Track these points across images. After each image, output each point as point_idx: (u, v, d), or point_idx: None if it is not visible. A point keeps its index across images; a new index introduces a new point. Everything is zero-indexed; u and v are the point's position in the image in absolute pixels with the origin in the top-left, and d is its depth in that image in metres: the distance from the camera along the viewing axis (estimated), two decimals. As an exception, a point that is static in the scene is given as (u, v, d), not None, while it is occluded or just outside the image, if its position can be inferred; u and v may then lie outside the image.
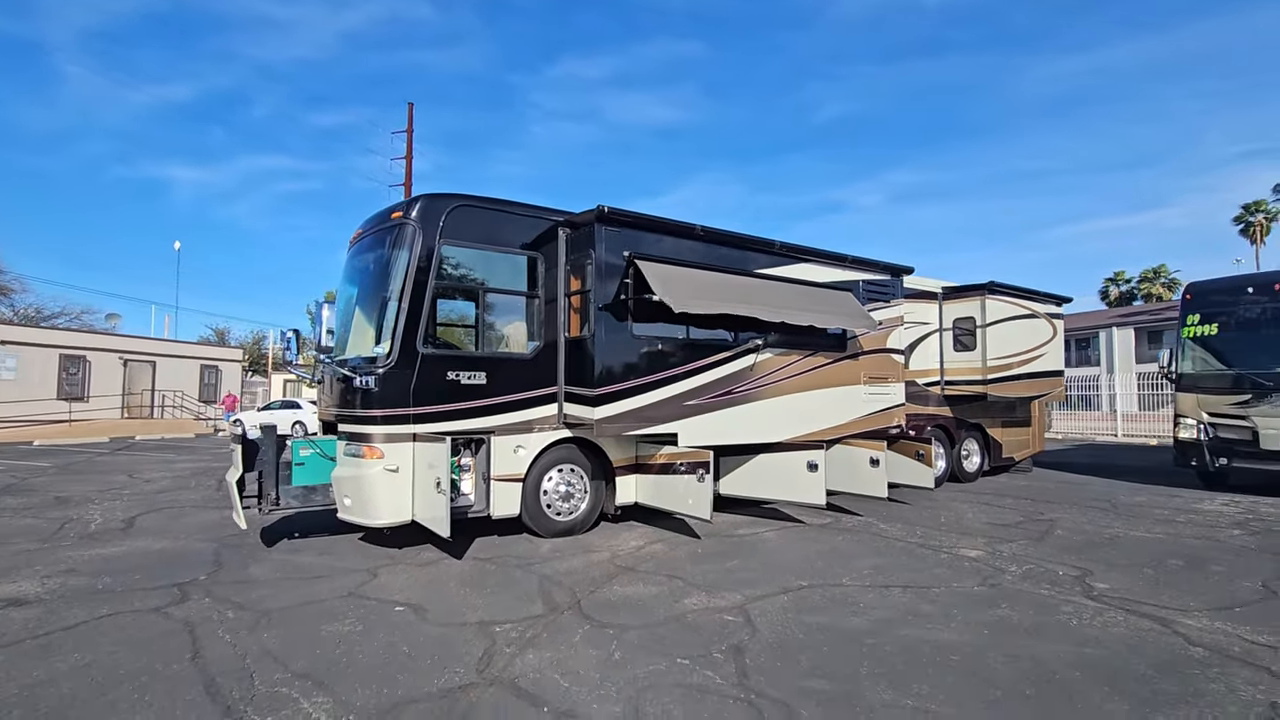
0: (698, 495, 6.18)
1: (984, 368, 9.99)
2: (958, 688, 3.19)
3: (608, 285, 6.25)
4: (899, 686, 3.20)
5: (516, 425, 6.25)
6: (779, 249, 7.42)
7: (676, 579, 5.12)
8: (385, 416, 5.66)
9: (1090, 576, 5.21)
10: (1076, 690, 3.17)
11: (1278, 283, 9.40)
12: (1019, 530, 6.99)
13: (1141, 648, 3.72)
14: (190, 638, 3.83)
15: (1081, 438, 21.68)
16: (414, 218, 5.90)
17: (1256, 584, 5.01)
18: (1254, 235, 36.12)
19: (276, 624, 4.08)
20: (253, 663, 3.47)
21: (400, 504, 5.65)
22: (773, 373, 7.27)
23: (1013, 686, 3.21)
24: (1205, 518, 7.71)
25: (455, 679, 3.28)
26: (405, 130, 23.71)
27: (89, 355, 22.43)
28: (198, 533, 6.75)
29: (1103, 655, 3.61)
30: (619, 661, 3.53)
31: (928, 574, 5.29)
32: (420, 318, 5.78)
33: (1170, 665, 3.48)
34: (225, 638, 3.83)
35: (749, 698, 3.09)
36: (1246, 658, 3.58)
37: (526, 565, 5.52)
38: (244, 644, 3.73)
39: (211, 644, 3.73)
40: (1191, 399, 9.82)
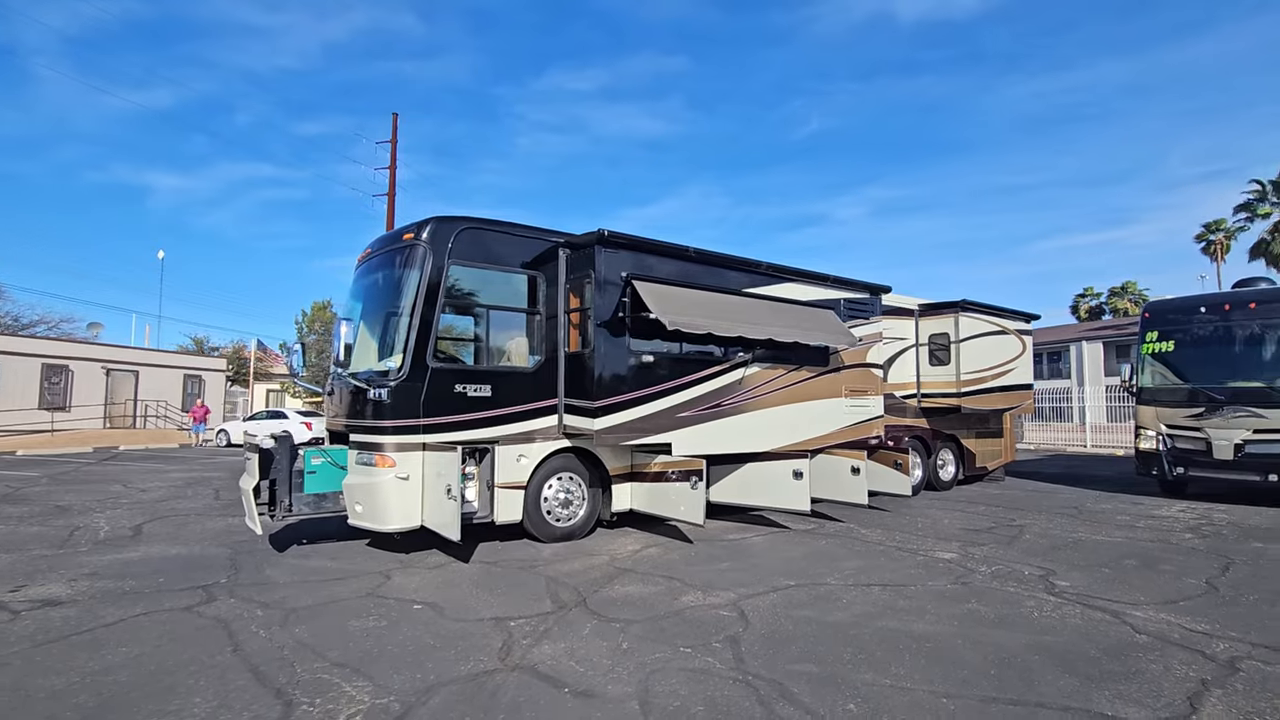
0: (691, 501, 6.56)
1: (958, 381, 10.53)
2: (930, 669, 3.59)
3: (606, 303, 6.64)
4: (878, 669, 3.60)
5: (519, 435, 6.60)
6: (765, 269, 7.88)
7: (673, 579, 5.49)
8: (397, 427, 5.98)
9: (1053, 575, 5.66)
10: (1033, 670, 3.59)
11: (1228, 303, 10.07)
12: (990, 535, 7.45)
13: (1093, 635, 4.15)
14: (227, 633, 4.12)
15: (1053, 448, 22.42)
16: (425, 239, 6.25)
17: (1201, 581, 5.50)
18: (1215, 253, 37.56)
19: (305, 620, 4.37)
20: (290, 654, 3.77)
21: (410, 510, 5.96)
22: (760, 386, 7.70)
23: (978, 668, 3.62)
24: (1162, 523, 8.25)
25: (480, 665, 3.62)
26: (389, 140, 23.96)
27: (71, 365, 22.29)
28: (208, 539, 6.98)
29: (1059, 642, 4.04)
30: (627, 650, 3.88)
31: (905, 574, 5.71)
32: (430, 333, 6.12)
33: (1117, 650, 3.91)
34: (260, 633, 4.12)
35: (746, 679, 3.46)
36: (1185, 643, 4.04)
37: (531, 568, 5.85)
38: (279, 638, 4.02)
39: (248, 638, 4.02)
40: (1151, 411, 10.43)
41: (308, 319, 34.29)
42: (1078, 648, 3.94)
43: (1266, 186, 34.64)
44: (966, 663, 3.69)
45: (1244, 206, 35.61)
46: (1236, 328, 9.82)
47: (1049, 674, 3.54)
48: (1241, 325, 9.76)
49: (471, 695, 3.26)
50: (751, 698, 3.25)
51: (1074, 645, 3.98)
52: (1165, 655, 3.83)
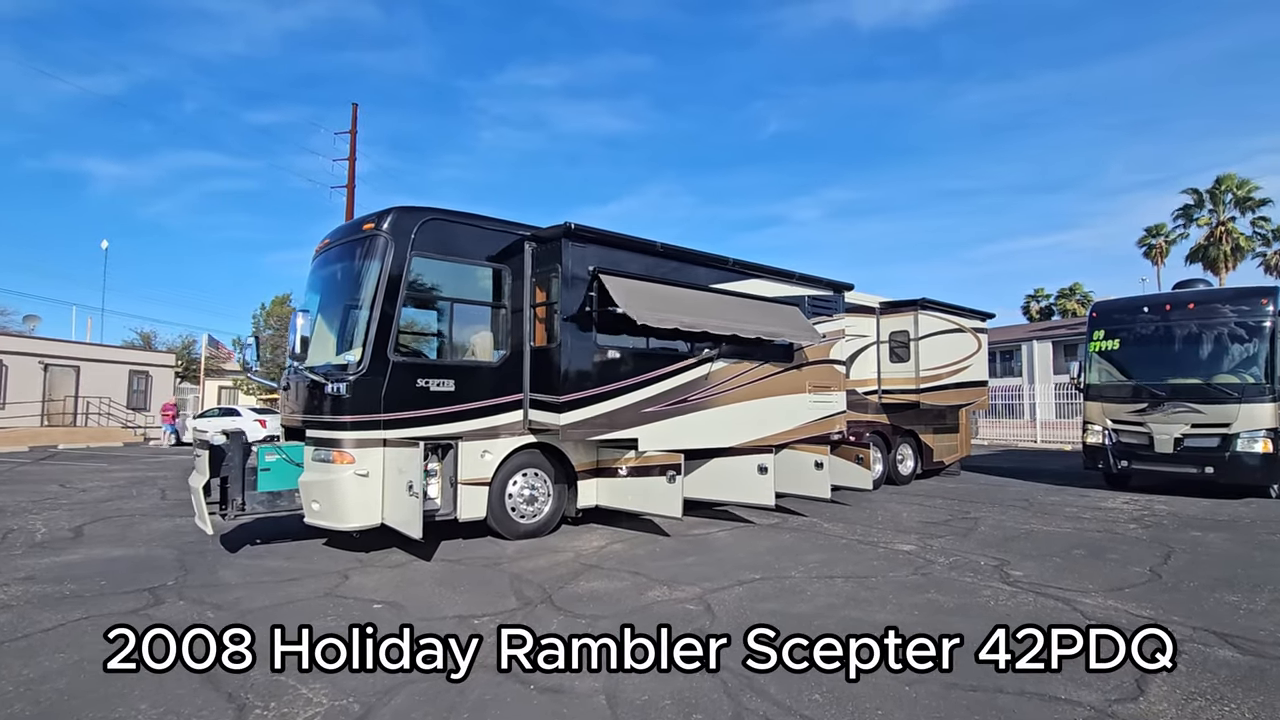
0: (668, 495, 6.59)
1: (917, 378, 10.78)
2: (893, 658, 3.65)
3: (573, 297, 6.59)
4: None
5: (483, 431, 6.50)
6: (732, 265, 7.92)
7: (639, 575, 5.47)
8: (356, 422, 5.82)
9: (1007, 566, 5.83)
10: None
11: (1169, 304, 10.53)
12: (947, 527, 7.64)
13: (1047, 622, 4.28)
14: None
15: (1005, 443, 23.16)
16: (386, 229, 6.09)
17: (1145, 569, 5.73)
18: (1155, 257, 39.30)
19: (259, 623, 4.22)
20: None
21: (370, 508, 5.82)
22: (725, 381, 7.74)
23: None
24: (1108, 514, 8.58)
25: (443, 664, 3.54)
26: (349, 131, 23.39)
27: (5, 359, 21.13)
28: (155, 540, 6.69)
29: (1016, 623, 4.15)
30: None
31: (866, 566, 5.81)
32: (391, 327, 5.97)
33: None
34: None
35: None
36: (1129, 626, 4.19)
37: (495, 565, 5.77)
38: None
39: (198, 641, 3.86)
40: (1097, 407, 10.84)
41: (266, 314, 33.22)
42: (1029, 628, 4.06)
43: (1202, 195, 36.35)
44: (927, 651, 3.76)
45: (1182, 213, 37.31)
46: (1176, 327, 10.27)
47: (1005, 660, 3.63)
48: (1181, 325, 10.21)
49: (435, 694, 3.19)
50: (719, 690, 3.25)
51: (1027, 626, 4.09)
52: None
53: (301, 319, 5.58)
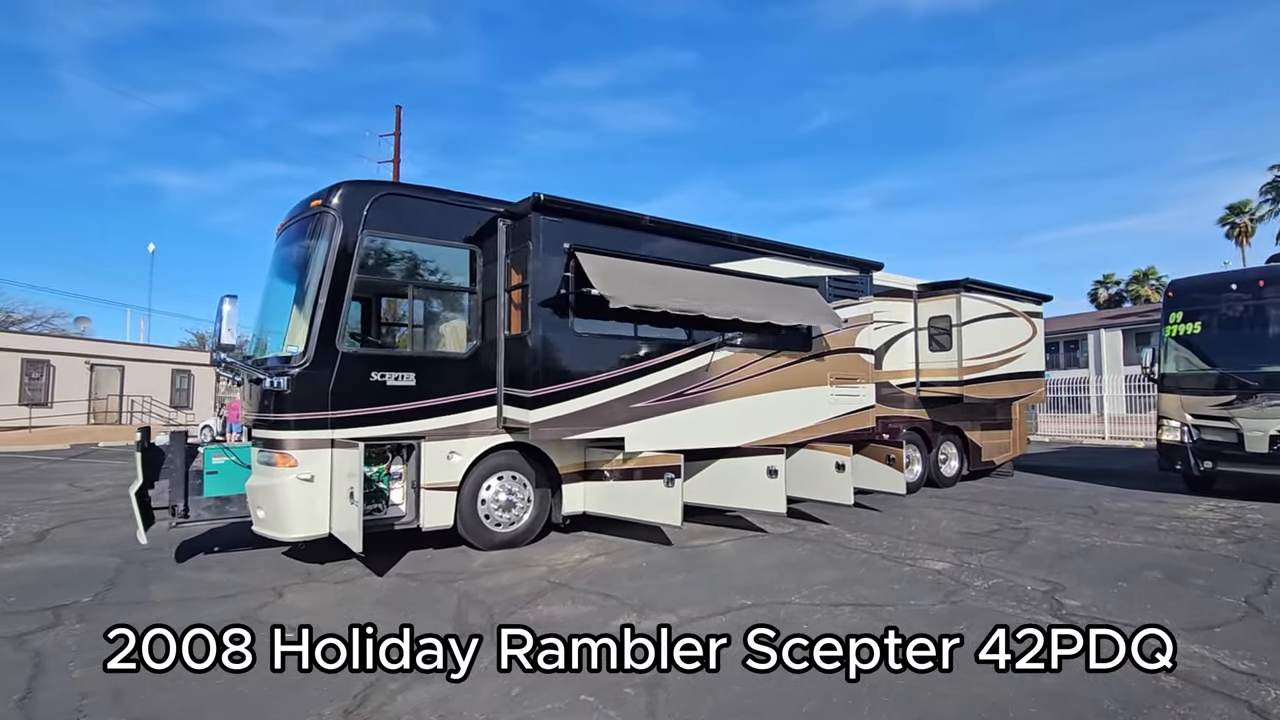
0: (666, 500, 5.86)
1: (960, 368, 9.62)
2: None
3: (547, 279, 5.84)
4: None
5: (450, 430, 5.82)
6: (736, 242, 7.02)
7: (610, 598, 4.69)
8: (299, 421, 5.22)
9: (1060, 592, 4.80)
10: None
11: (1262, 279, 9.07)
12: (991, 540, 6.59)
13: (1108, 678, 3.30)
14: (32, 672, 3.37)
15: (1069, 440, 21.37)
16: (334, 206, 5.46)
17: (1239, 600, 4.62)
18: (1239, 237, 36.04)
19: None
20: (90, 704, 3.02)
21: (316, 516, 5.20)
22: (730, 373, 6.86)
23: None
24: (1189, 524, 7.33)
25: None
26: (393, 134, 23.53)
27: (53, 360, 21.84)
28: (113, 546, 6.27)
29: (1064, 686, 3.20)
30: (514, 699, 3.10)
31: (885, 590, 4.87)
32: (340, 314, 5.34)
33: (1138, 700, 3.07)
34: (75, 673, 3.38)
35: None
36: (1223, 688, 3.18)
37: (451, 581, 5.08)
38: (91, 682, 3.27)
39: (54, 681, 3.28)
40: (1174, 400, 9.47)
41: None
42: (1087, 694, 3.10)
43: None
44: (943, 718, 2.87)
45: (1271, 187, 34.08)
46: (1272, 306, 8.83)
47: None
48: (1277, 304, 8.77)
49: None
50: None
51: (1082, 691, 3.14)
52: (1200, 709, 2.98)
53: (229, 305, 4.99)
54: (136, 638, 3.43)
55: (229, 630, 3.52)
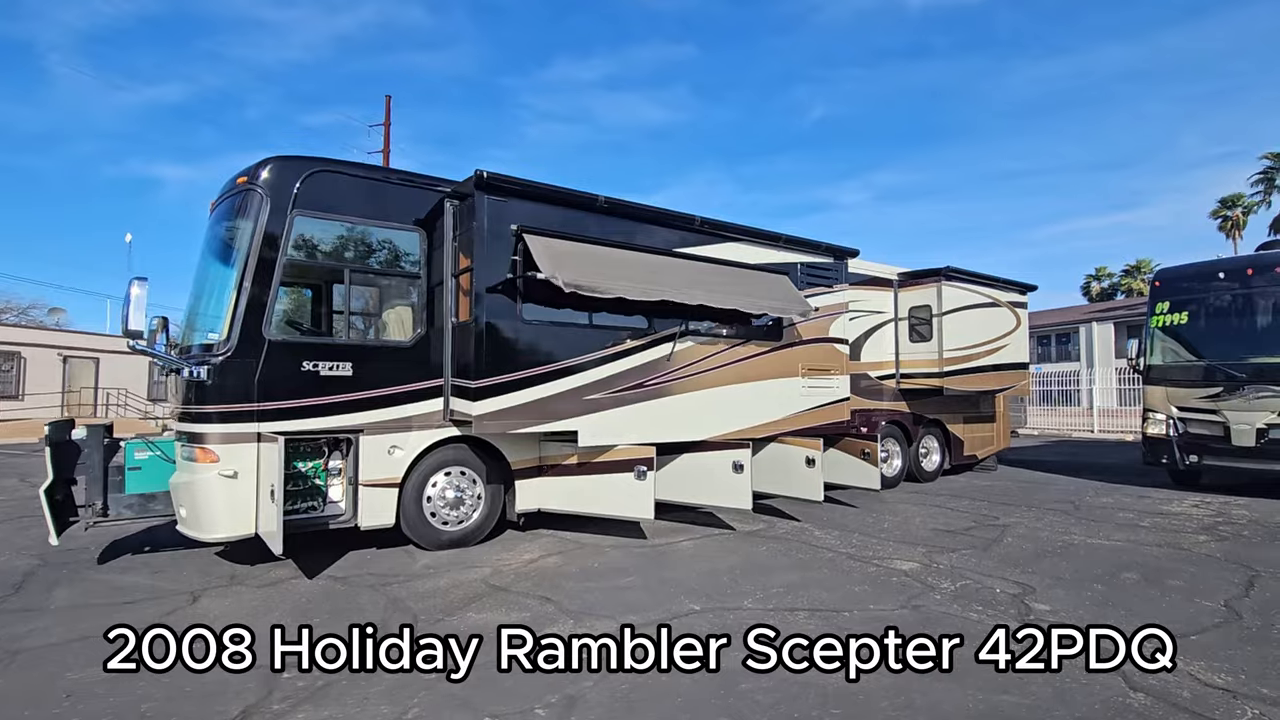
0: (636, 494, 5.71)
1: (940, 359, 9.31)
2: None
3: (494, 263, 5.49)
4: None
5: (391, 423, 5.48)
6: (700, 225, 6.66)
7: (550, 602, 4.37)
8: (222, 413, 4.87)
9: (1030, 595, 4.51)
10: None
11: (1251, 267, 8.79)
12: (966, 537, 6.30)
13: (1070, 695, 3.00)
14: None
15: (1058, 433, 21.18)
16: (261, 183, 5.10)
17: (1218, 603, 4.33)
18: (1231, 230, 35.84)
19: (11, 672, 3.29)
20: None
21: (240, 515, 4.86)
22: (694, 364, 6.53)
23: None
24: (1171, 521, 7.06)
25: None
26: (383, 124, 23.20)
27: (24, 351, 21.36)
28: (33, 547, 5.91)
29: (1022, 706, 2.90)
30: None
31: (845, 592, 4.57)
32: (267, 299, 4.99)
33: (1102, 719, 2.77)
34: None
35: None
36: (1196, 707, 2.89)
37: (384, 585, 4.75)
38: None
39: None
40: (1160, 392, 9.19)
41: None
42: (1047, 714, 2.80)
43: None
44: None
45: (1262, 177, 33.87)
46: (1260, 295, 8.55)
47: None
48: (1266, 293, 8.48)
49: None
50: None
51: (1042, 710, 2.84)
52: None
53: (137, 287, 4.62)
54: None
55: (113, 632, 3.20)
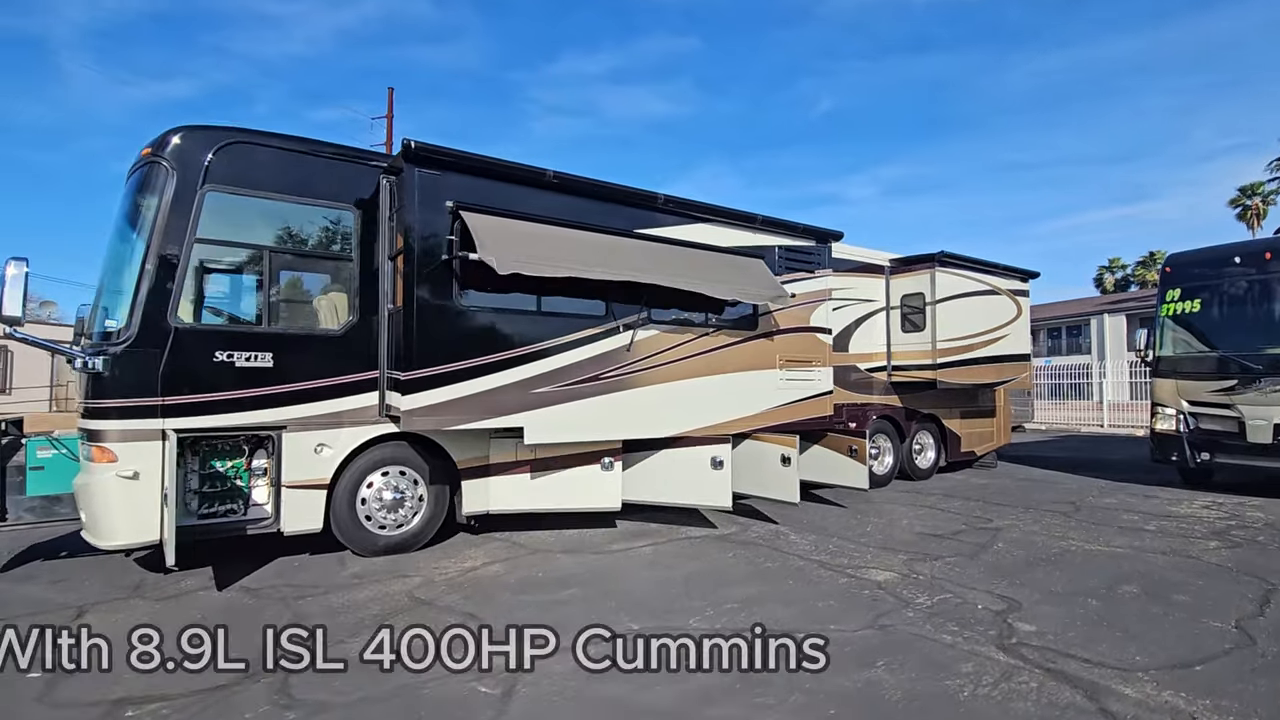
0: (604, 485, 5.79)
1: (934, 350, 8.76)
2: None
3: (427, 243, 5.02)
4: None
5: (319, 419, 5.03)
6: (665, 204, 6.14)
7: (475, 618, 3.91)
8: (121, 409, 4.43)
9: (1015, 612, 4.00)
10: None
11: (1268, 251, 8.17)
12: (953, 542, 5.79)
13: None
14: None
15: (1066, 428, 20.53)
16: (167, 155, 4.64)
17: (1228, 624, 3.81)
18: (1251, 219, 34.79)
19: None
20: None
21: (142, 521, 4.41)
22: (657, 354, 6.03)
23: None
24: (1179, 524, 6.51)
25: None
26: (385, 116, 22.95)
27: (11, 345, 21.11)
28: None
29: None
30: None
31: (808, 608, 4.08)
32: (173, 283, 4.54)
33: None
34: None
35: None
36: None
37: (299, 598, 4.30)
38: None
39: None
40: (1170, 385, 8.60)
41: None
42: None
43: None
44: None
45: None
46: (1278, 282, 7.94)
47: None
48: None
49: None
50: None
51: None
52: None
53: (13, 268, 4.17)
54: None
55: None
